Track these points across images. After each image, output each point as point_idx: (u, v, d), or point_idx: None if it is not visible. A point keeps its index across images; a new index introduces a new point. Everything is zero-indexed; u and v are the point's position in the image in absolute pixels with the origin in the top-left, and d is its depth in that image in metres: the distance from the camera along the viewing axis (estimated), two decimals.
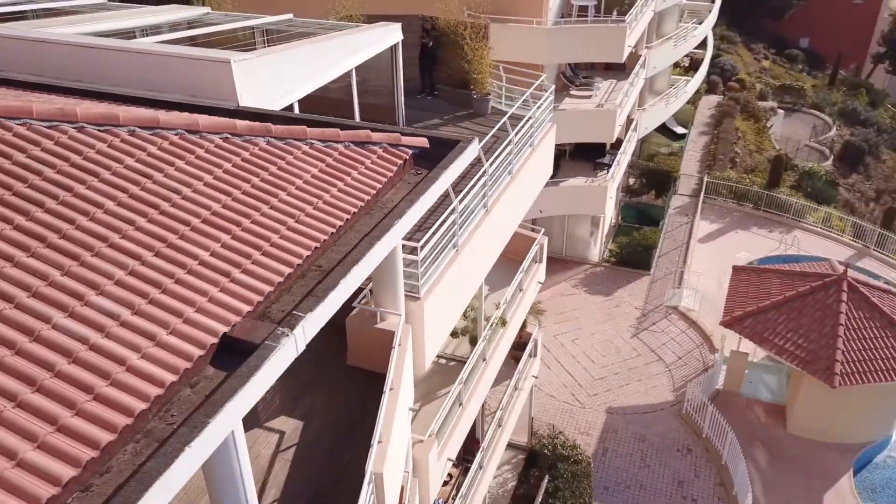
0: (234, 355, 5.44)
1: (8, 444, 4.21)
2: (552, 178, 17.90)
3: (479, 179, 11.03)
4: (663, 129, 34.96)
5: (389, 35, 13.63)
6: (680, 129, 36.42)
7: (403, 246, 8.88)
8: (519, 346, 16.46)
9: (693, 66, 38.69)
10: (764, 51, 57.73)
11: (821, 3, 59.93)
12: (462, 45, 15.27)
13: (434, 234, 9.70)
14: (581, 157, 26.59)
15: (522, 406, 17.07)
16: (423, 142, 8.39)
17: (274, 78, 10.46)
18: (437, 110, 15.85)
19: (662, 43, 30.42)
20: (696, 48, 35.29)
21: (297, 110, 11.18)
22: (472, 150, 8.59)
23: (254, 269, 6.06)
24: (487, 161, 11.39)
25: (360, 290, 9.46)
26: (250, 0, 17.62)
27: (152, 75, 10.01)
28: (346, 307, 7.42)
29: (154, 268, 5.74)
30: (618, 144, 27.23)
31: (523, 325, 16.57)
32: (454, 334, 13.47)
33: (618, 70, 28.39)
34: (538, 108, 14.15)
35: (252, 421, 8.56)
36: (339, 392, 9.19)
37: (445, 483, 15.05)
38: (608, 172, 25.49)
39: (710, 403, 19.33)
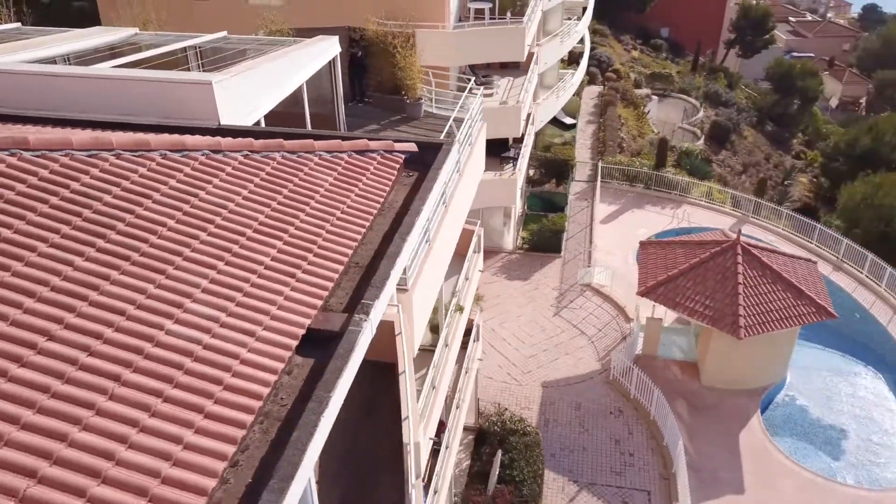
0: (314, 344, 6.23)
1: (171, 431, 4.86)
2: None
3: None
4: (554, 121, 37.08)
5: (331, 48, 14.34)
6: (569, 120, 38.77)
7: None
8: (465, 331, 17.59)
9: (573, 59, 41.18)
10: (631, 42, 61.85)
11: None
12: (392, 54, 16.17)
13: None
14: (487, 152, 27.94)
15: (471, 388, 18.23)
16: (412, 147, 9.30)
17: (246, 95, 11.01)
18: (371, 117, 16.67)
19: (550, 40, 32.37)
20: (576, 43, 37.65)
21: (263, 125, 11.75)
22: (455, 153, 9.60)
23: (312, 269, 6.82)
24: None
25: None
26: (175, 19, 17.69)
27: (129, 101, 10.32)
28: None
29: (229, 275, 6.40)
30: (520, 139, 28.86)
31: None
32: None
33: (511, 68, 30.02)
34: (473, 108, 15.32)
35: None
36: None
37: None
38: (514, 166, 27.06)
39: (635, 367, 21.23)
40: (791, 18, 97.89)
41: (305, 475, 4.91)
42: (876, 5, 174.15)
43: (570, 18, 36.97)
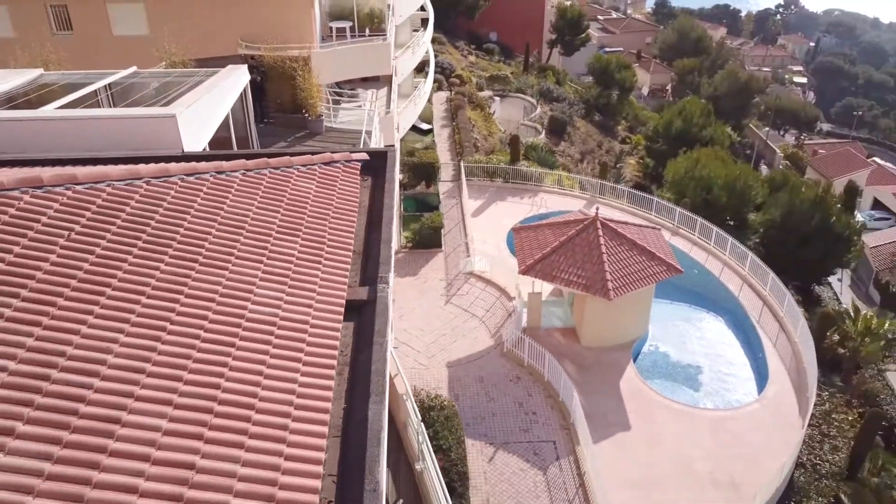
0: (350, 311, 7.99)
1: (291, 377, 6.52)
2: None
3: None
4: (412, 128, 39.51)
5: (243, 76, 15.69)
6: (425, 126, 41.36)
7: None
8: None
9: (420, 69, 43.80)
10: (466, 47, 65.76)
11: (501, 1, 69.49)
12: (291, 77, 17.69)
13: None
14: None
15: None
16: (364, 156, 11.12)
17: (196, 124, 12.27)
18: (278, 135, 18.09)
19: (404, 52, 34.71)
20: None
21: (208, 149, 13.02)
22: (396, 157, 11.52)
23: (331, 257, 8.54)
24: None
25: None
26: (76, 56, 18.07)
27: (96, 137, 11.29)
28: None
29: (275, 265, 8.00)
30: (390, 145, 30.96)
31: None
32: None
33: (371, 81, 32.02)
34: (375, 120, 17.23)
35: None
36: None
37: None
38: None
39: (527, 337, 23.97)
40: (599, 17, 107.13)
41: (384, 388, 6.74)
42: (666, 0, 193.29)
43: (416, 30, 39.56)
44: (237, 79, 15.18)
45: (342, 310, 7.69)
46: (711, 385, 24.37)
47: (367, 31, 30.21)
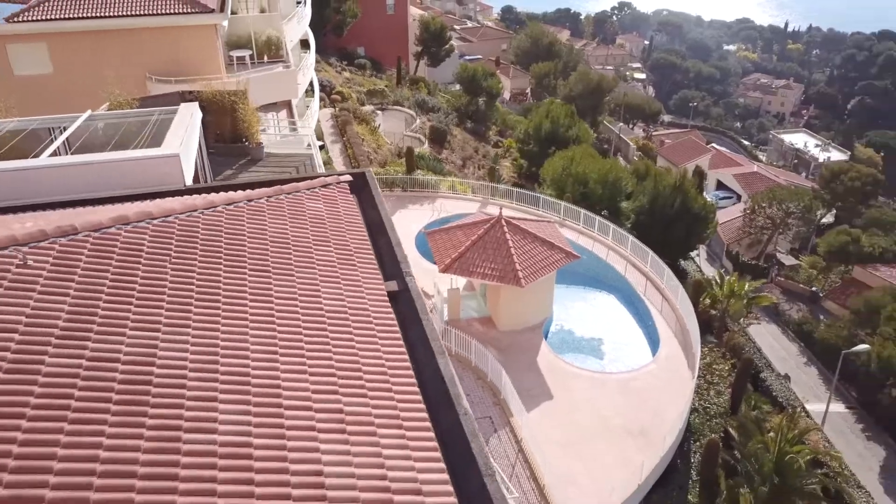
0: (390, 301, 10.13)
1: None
2: None
3: None
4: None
5: (197, 111, 17.10)
6: (319, 143, 42.92)
7: None
8: None
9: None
10: (339, 63, 67.51)
11: (366, 17, 71.77)
12: (232, 109, 19.19)
13: None
14: None
15: None
16: (349, 178, 13.15)
17: (187, 160, 13.78)
18: (224, 164, 19.48)
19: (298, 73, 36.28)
20: None
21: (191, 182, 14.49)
22: (373, 176, 13.63)
23: (362, 260, 10.61)
24: None
25: None
26: (20, 101, 18.56)
27: (104, 180, 12.58)
28: None
29: (328, 274, 9.99)
30: None
31: None
32: None
33: (268, 105, 33.46)
34: (312, 143, 19.07)
35: None
36: None
37: None
38: None
39: (451, 328, 26.48)
40: (456, 27, 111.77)
41: (444, 349, 8.98)
42: (512, 7, 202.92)
43: (305, 52, 41.15)
44: (195, 115, 16.63)
45: (387, 299, 9.83)
46: (613, 353, 27.94)
47: (266, 57, 31.72)
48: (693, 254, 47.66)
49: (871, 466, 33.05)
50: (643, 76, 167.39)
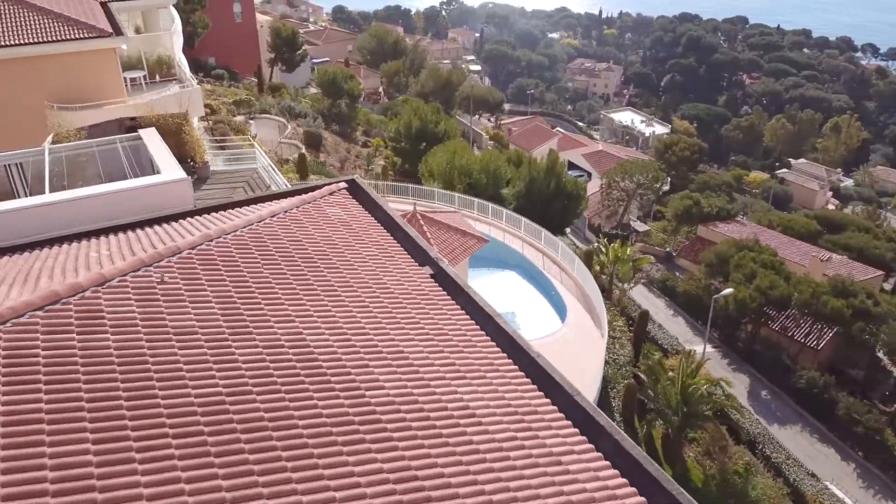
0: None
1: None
2: None
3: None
4: None
5: (158, 135, 17.81)
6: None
7: None
8: None
9: None
10: (195, 76, 66.03)
11: (215, 26, 70.64)
12: (177, 132, 19.85)
13: None
14: None
15: None
16: (344, 185, 14.76)
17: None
18: None
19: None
20: None
21: None
22: (363, 181, 15.30)
23: (398, 253, 12.41)
24: None
25: None
26: None
27: (121, 208, 13.39)
28: None
29: (384, 266, 11.73)
30: None
31: None
32: None
33: None
34: (261, 160, 20.17)
35: None
36: None
37: None
38: None
39: None
40: (300, 31, 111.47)
41: (495, 310, 11.09)
42: (342, 6, 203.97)
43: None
44: (160, 139, 17.38)
45: (433, 280, 11.76)
46: (528, 324, 30.92)
47: (158, 77, 31.71)
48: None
49: (740, 393, 38.57)
50: (478, 68, 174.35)
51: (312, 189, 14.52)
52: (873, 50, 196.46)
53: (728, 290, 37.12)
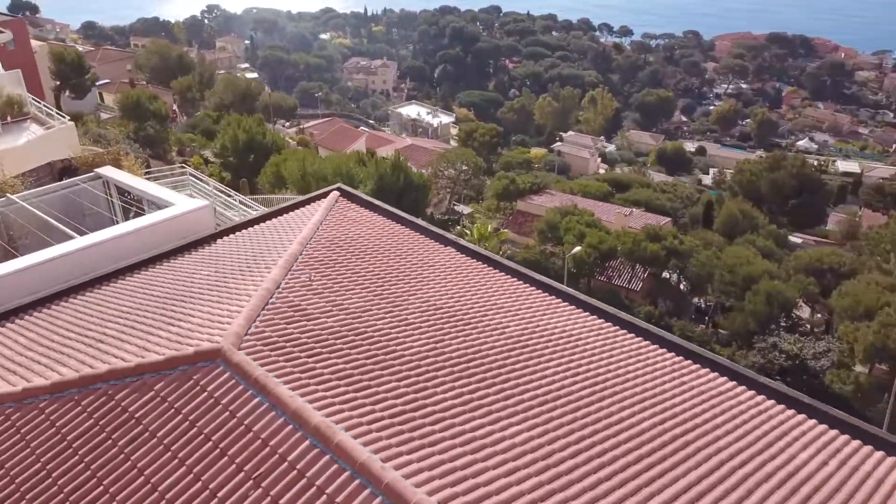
0: None
1: None
2: None
3: None
4: None
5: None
6: None
7: None
8: None
9: None
10: None
11: None
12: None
13: None
14: None
15: None
16: (338, 193, 16.83)
17: None
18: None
19: None
20: None
21: None
22: (349, 188, 17.42)
23: (426, 239, 14.96)
24: None
25: None
26: None
27: (155, 239, 14.45)
28: None
29: (445, 252, 14.24)
30: None
31: None
32: None
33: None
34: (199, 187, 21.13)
35: None
36: None
37: None
38: None
39: None
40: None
41: (515, 267, 14.19)
42: (93, 22, 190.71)
43: None
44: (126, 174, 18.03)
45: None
46: None
47: (9, 118, 30.15)
48: None
49: None
50: (255, 75, 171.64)
51: (312, 200, 16.48)
52: (608, 29, 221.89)
53: (577, 249, 42.84)
